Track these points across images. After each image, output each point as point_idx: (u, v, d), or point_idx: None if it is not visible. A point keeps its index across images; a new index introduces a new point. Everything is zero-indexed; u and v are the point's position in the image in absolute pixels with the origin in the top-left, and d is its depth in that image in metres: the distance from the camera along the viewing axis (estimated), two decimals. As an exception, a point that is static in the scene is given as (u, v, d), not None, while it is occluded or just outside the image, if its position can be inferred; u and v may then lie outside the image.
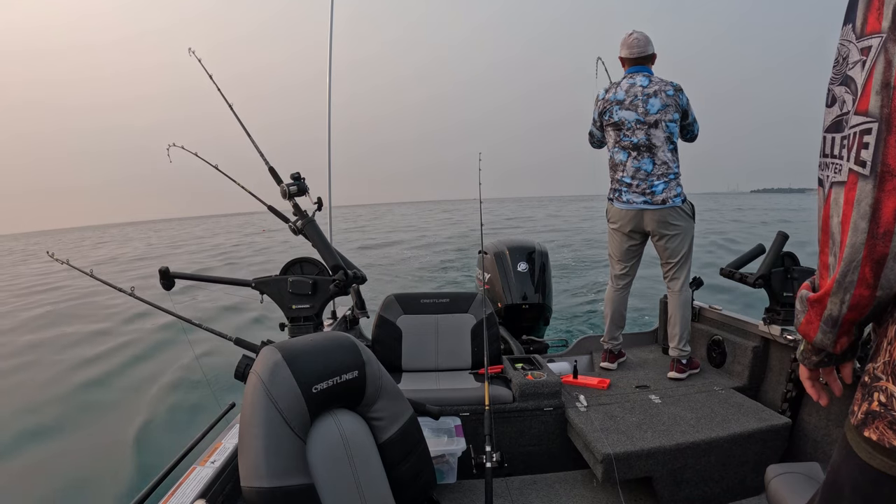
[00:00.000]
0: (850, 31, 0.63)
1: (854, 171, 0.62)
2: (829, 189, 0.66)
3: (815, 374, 0.80)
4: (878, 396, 0.65)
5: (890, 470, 0.62)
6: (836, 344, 0.71)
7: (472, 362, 2.50)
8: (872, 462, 0.64)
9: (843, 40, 0.64)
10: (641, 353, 2.91)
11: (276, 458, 0.99)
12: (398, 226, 33.36)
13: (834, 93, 0.66)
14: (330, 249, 1.87)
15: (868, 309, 0.65)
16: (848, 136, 0.63)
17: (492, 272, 3.40)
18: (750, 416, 2.01)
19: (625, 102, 2.44)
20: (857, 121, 0.62)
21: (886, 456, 0.62)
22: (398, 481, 1.24)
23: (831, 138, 0.67)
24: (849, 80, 0.63)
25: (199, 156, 2.03)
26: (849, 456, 0.68)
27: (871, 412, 0.65)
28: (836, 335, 0.70)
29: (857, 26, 0.62)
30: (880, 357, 0.66)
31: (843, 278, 0.64)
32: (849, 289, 0.64)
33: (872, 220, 0.60)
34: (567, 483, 2.11)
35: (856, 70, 0.62)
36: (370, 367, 1.23)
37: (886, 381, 0.64)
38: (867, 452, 0.65)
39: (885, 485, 0.63)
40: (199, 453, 1.23)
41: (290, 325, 1.86)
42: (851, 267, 0.63)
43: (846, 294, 0.65)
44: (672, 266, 2.51)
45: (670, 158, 2.41)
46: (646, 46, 2.46)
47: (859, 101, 0.62)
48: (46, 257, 2.01)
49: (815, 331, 0.72)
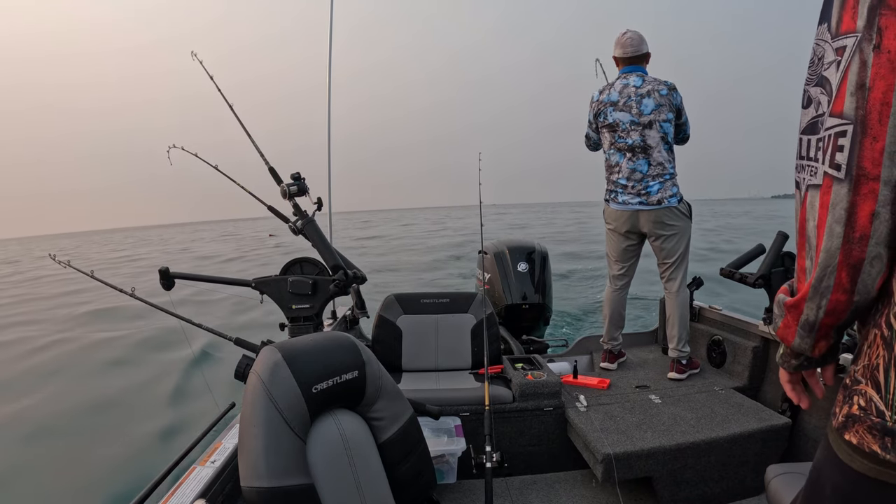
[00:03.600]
0: (825, 31, 0.62)
1: (829, 175, 0.61)
2: (805, 192, 0.65)
3: (795, 377, 0.80)
4: (857, 400, 0.64)
5: (869, 472, 0.62)
6: (814, 348, 0.71)
7: (472, 362, 2.50)
8: (853, 464, 0.64)
9: (819, 40, 0.63)
10: (641, 353, 2.91)
11: (276, 458, 0.99)
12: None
13: (809, 94, 0.65)
14: (330, 249, 1.88)
15: (846, 314, 0.65)
16: (823, 139, 0.62)
17: (492, 272, 3.40)
18: (750, 416, 2.01)
19: (619, 104, 2.44)
20: (831, 123, 0.61)
21: (866, 459, 0.62)
22: (398, 481, 1.24)
23: (807, 140, 0.65)
24: (824, 80, 0.62)
25: (200, 156, 2.03)
26: (830, 457, 0.68)
27: (851, 415, 0.65)
28: (813, 340, 0.69)
29: (832, 25, 0.61)
30: (860, 360, 0.66)
31: (818, 283, 0.63)
32: (825, 294, 0.63)
33: (848, 224, 0.59)
34: (567, 483, 2.11)
35: (831, 70, 0.61)
36: (370, 367, 1.23)
37: (865, 384, 0.64)
38: (847, 455, 0.65)
39: (865, 486, 0.63)
40: (199, 453, 1.24)
41: (290, 325, 1.86)
42: (827, 272, 0.62)
43: (822, 299, 0.64)
44: (668, 266, 2.50)
45: (666, 159, 2.41)
46: (639, 45, 2.45)
47: (834, 103, 0.60)
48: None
49: (792, 335, 0.71)
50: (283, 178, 1.91)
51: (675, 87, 2.39)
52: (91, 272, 1.89)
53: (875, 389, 0.62)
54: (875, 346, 0.63)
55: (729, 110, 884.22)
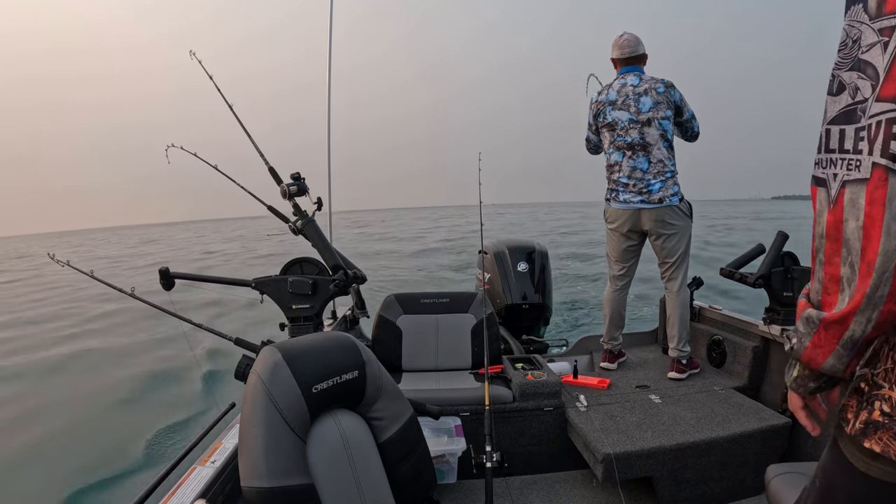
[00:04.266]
0: (860, 12, 0.57)
1: (882, 166, 0.54)
2: (840, 189, 0.58)
3: (811, 402, 0.72)
4: (879, 406, 0.60)
5: (888, 477, 0.60)
6: (847, 368, 0.62)
7: (472, 362, 2.50)
8: (870, 472, 0.61)
9: (853, 21, 0.58)
10: (641, 353, 2.91)
11: (276, 458, 0.99)
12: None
13: (842, 79, 0.59)
14: (330, 249, 1.88)
15: (890, 325, 0.57)
16: (868, 127, 0.55)
17: (492, 272, 3.40)
18: (750, 416, 2.01)
19: (617, 103, 2.45)
20: (881, 108, 0.54)
21: (890, 466, 0.59)
22: (398, 481, 1.24)
23: (839, 131, 0.59)
24: (863, 64, 0.56)
25: (199, 156, 2.03)
26: (842, 465, 0.65)
27: (871, 422, 0.61)
28: (850, 358, 0.61)
29: (869, 6, 0.56)
30: (880, 364, 0.61)
31: (873, 293, 0.55)
32: (878, 304, 0.55)
33: None
34: (567, 483, 2.11)
35: (874, 52, 0.55)
36: (370, 367, 1.23)
37: (889, 389, 0.59)
38: (863, 462, 0.62)
39: (883, 491, 0.61)
40: (199, 453, 1.24)
41: (290, 325, 1.86)
42: (884, 278, 0.54)
43: (874, 311, 0.56)
44: (669, 266, 2.50)
45: (666, 156, 2.41)
46: (636, 46, 2.48)
47: (883, 87, 0.54)
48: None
49: (825, 355, 0.62)
50: (283, 177, 1.91)
51: (673, 85, 2.40)
52: (91, 272, 1.89)
53: None
54: None
55: (730, 111, 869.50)
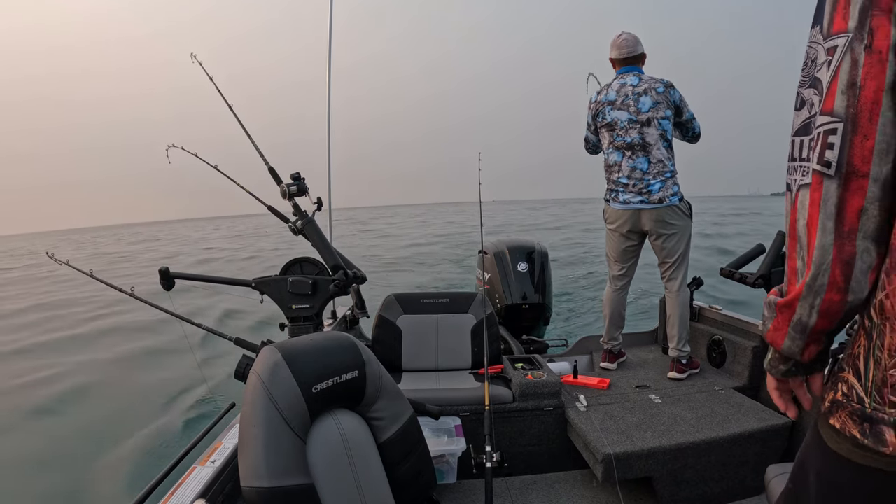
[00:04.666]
0: (817, 33, 0.63)
1: (818, 172, 0.61)
2: (796, 192, 0.66)
3: (783, 385, 0.78)
4: (840, 387, 0.66)
5: (851, 455, 0.64)
6: (804, 352, 0.70)
7: (472, 362, 2.50)
8: (840, 450, 0.66)
9: (812, 42, 0.64)
10: (641, 353, 2.91)
11: (276, 458, 0.99)
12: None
13: (803, 96, 0.66)
14: (330, 249, 1.88)
15: (839, 316, 0.65)
16: (814, 137, 0.63)
17: (492, 272, 3.40)
18: (750, 416, 2.01)
19: (616, 102, 2.45)
20: (822, 121, 0.61)
21: (847, 443, 0.64)
22: (398, 481, 1.24)
23: (800, 141, 0.66)
24: (816, 81, 0.63)
25: (199, 156, 2.03)
26: (817, 441, 0.70)
27: (835, 401, 0.67)
28: (804, 342, 0.69)
29: (824, 27, 0.62)
30: (847, 349, 0.68)
31: (813, 281, 0.63)
32: (819, 292, 0.63)
33: (838, 219, 0.60)
34: (567, 483, 2.11)
35: (822, 71, 0.62)
36: (370, 366, 1.23)
37: (847, 372, 0.66)
38: (833, 440, 0.67)
39: (847, 469, 0.65)
40: (199, 453, 1.24)
41: (290, 325, 1.86)
42: (821, 269, 0.62)
43: (816, 298, 0.64)
44: (669, 266, 2.50)
45: (665, 156, 2.41)
46: (635, 46, 2.47)
47: (824, 101, 0.61)
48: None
49: (782, 338, 0.70)
50: (283, 177, 1.91)
51: (672, 85, 2.40)
52: (90, 272, 1.89)
53: (856, 377, 0.64)
54: (858, 335, 0.66)
55: (728, 108, 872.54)
